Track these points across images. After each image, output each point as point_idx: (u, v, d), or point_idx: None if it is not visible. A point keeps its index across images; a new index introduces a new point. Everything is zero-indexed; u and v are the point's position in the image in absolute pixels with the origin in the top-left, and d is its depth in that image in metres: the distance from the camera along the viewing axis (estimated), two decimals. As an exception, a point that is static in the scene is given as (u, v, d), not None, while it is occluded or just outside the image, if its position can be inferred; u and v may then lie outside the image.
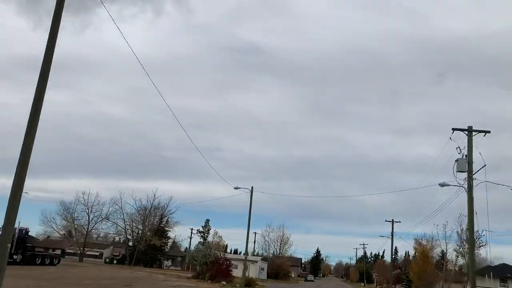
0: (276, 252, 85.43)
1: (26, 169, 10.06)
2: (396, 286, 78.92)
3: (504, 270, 59.31)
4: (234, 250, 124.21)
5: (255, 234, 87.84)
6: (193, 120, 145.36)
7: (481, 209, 24.44)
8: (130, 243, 76.30)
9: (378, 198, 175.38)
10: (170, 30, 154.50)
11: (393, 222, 55.90)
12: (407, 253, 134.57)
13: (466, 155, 23.42)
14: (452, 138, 24.61)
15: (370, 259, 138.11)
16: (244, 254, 39.83)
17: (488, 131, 23.61)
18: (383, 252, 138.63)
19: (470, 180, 22.86)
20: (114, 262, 78.53)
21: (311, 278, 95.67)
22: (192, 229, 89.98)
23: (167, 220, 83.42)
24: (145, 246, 74.59)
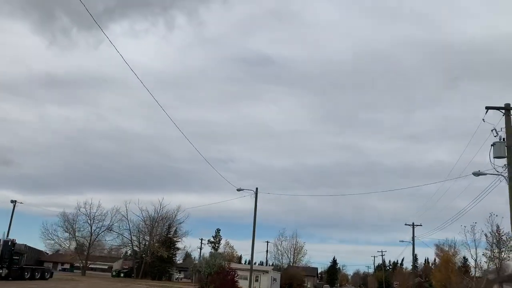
0: (289, 261, 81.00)
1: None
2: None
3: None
4: (248, 261, 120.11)
5: (267, 243, 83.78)
6: (206, 132, 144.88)
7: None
8: (138, 255, 73.02)
9: (395, 205, 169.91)
10: (182, 43, 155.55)
11: (413, 226, 51.43)
12: (427, 259, 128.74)
13: (504, 138, 19.52)
14: (485, 120, 20.82)
15: (388, 267, 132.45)
16: (250, 263, 35.92)
17: (529, 108, 19.69)
18: (402, 259, 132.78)
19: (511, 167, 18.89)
20: (122, 275, 75.13)
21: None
22: (202, 239, 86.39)
23: (176, 230, 79.96)
24: (152, 258, 71.06)
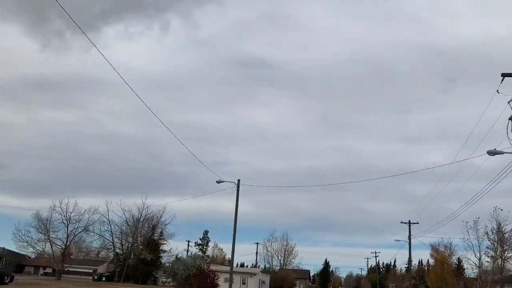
0: (280, 263, 77.18)
1: None
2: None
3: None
4: (240, 264, 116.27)
5: (257, 245, 79.99)
6: (200, 135, 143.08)
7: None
8: (120, 258, 68.90)
9: (388, 207, 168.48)
10: (176, 46, 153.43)
11: (410, 224, 48.00)
12: (421, 261, 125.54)
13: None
14: (500, 91, 17.48)
15: (382, 269, 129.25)
16: (230, 264, 32.17)
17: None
18: (395, 261, 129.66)
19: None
20: (103, 279, 70.99)
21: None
22: (189, 241, 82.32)
23: (161, 232, 75.96)
24: (135, 260, 67.00)
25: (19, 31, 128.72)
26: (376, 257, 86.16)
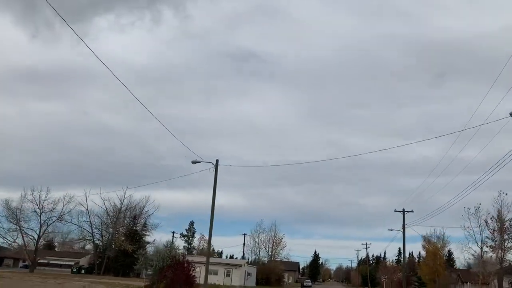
0: (268, 255, 73.88)
1: None
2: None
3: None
4: (230, 256, 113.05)
5: (245, 236, 76.56)
6: (191, 128, 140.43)
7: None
8: (100, 250, 65.17)
9: (378, 200, 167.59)
10: (168, 38, 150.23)
11: (404, 212, 44.83)
12: (411, 253, 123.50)
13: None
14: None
15: (372, 262, 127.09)
16: (207, 253, 28.64)
17: None
18: (385, 253, 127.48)
19: None
20: (82, 271, 67.24)
21: (309, 283, 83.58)
22: (173, 232, 78.71)
23: (145, 223, 72.24)
24: (116, 252, 63.29)
25: (8, 20, 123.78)
26: (367, 248, 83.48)
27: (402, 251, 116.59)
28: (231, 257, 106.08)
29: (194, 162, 26.86)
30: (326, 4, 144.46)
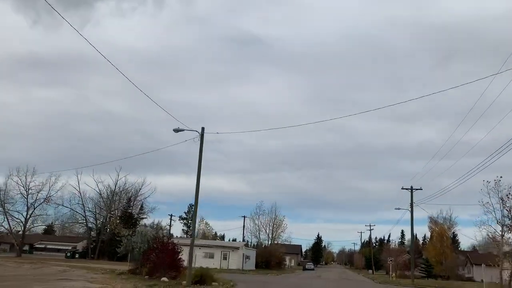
0: (268, 237, 70.82)
1: None
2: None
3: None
4: (232, 240, 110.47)
5: (244, 218, 73.44)
6: (193, 112, 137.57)
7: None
8: (94, 233, 62.38)
9: (381, 185, 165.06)
10: (170, 22, 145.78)
11: (412, 189, 41.27)
12: (415, 235, 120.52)
13: None
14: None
15: (375, 244, 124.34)
16: (192, 234, 25.26)
17: None
18: (389, 236, 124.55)
19: None
20: (76, 256, 64.66)
21: (311, 266, 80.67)
22: (171, 215, 75.62)
23: (142, 206, 69.34)
24: (110, 236, 60.44)
25: (8, 6, 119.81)
26: (370, 230, 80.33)
27: (408, 233, 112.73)
28: (234, 241, 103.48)
29: (176, 131, 23.33)
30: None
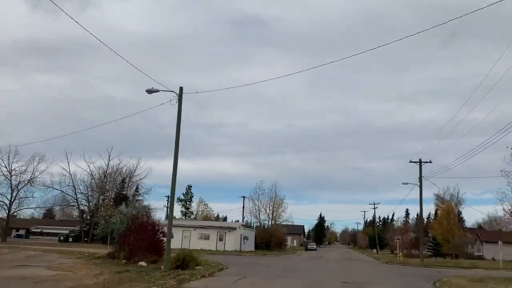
0: (268, 217, 67.73)
1: None
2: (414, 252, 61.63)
3: None
4: (235, 221, 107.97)
5: (244, 198, 70.39)
6: (196, 96, 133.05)
7: None
8: (86, 216, 59.44)
9: (384, 165, 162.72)
10: (170, 5, 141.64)
11: (421, 163, 37.63)
12: (418, 215, 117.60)
13: None
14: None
15: (378, 224, 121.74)
16: (169, 211, 21.72)
17: None
18: (393, 215, 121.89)
19: None
20: (70, 239, 61.95)
21: (313, 246, 77.81)
22: (168, 196, 72.57)
23: (137, 187, 66.30)
24: (103, 219, 57.41)
25: None
26: (374, 208, 77.10)
27: (413, 211, 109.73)
28: (237, 222, 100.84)
29: (150, 92, 19.64)
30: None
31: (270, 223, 70.55)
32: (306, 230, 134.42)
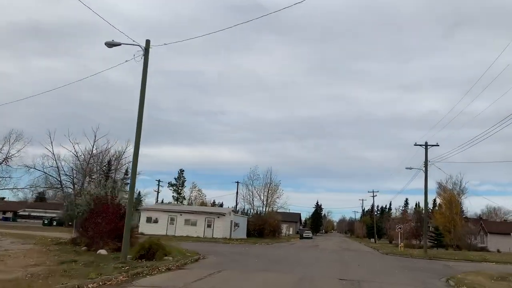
0: (263, 204, 64.41)
1: None
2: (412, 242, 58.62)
3: None
4: (220, 204, 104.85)
5: (238, 184, 67.00)
6: (195, 82, 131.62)
7: None
8: (70, 200, 56.10)
9: (383, 154, 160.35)
10: None
11: (426, 146, 34.14)
12: (418, 204, 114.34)
13: None
14: None
15: (376, 213, 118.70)
16: (131, 184, 18.26)
17: None
18: (390, 204, 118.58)
19: None
20: (54, 223, 58.93)
21: (309, 234, 74.65)
22: (159, 180, 69.24)
23: (127, 170, 62.78)
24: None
25: None
26: (373, 196, 73.78)
27: (411, 201, 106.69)
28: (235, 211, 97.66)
29: (110, 45, 16.04)
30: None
31: (264, 210, 67.29)
32: (303, 218, 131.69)
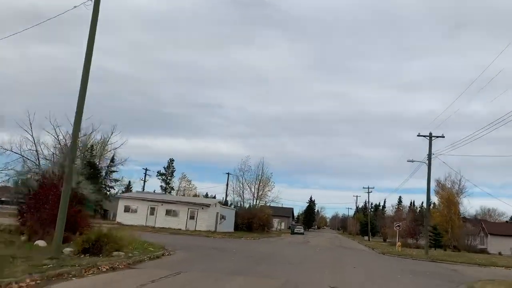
0: (254, 197, 60.92)
1: None
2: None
3: None
4: (212, 196, 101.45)
5: (228, 175, 63.52)
6: (193, 75, 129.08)
7: None
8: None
9: (379, 153, 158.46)
10: None
11: (431, 137, 30.76)
12: (413, 203, 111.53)
13: None
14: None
15: (370, 211, 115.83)
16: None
17: None
18: (384, 201, 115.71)
19: None
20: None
21: (300, 230, 71.35)
22: (146, 169, 65.77)
23: (113, 157, 59.19)
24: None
25: None
26: (368, 192, 70.66)
27: (406, 200, 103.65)
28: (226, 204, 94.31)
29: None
30: None
31: (254, 203, 63.79)
32: (296, 214, 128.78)
